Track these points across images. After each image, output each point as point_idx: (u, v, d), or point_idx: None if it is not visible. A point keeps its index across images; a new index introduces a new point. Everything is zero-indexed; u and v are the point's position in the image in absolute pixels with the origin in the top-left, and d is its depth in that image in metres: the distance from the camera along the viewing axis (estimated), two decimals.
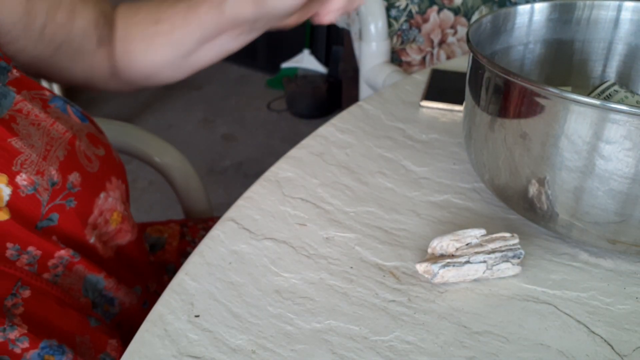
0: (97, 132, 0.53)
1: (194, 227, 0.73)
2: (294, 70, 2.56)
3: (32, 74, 0.53)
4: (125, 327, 0.54)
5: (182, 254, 0.69)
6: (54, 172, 0.45)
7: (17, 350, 0.42)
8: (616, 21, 0.54)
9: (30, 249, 0.45)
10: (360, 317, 0.38)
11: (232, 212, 0.49)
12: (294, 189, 0.52)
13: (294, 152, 0.57)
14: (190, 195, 0.78)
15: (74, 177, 0.47)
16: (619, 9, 0.53)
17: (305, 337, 0.37)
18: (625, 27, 0.54)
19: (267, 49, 2.77)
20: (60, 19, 0.53)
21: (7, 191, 0.43)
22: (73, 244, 0.48)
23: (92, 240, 0.49)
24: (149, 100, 2.50)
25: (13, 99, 0.46)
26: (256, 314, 0.39)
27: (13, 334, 0.42)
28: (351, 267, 0.43)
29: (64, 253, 0.46)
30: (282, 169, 0.55)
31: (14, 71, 0.48)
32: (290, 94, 2.38)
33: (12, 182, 0.43)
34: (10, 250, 0.44)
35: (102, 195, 0.50)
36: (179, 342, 0.37)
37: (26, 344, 0.42)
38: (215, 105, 2.48)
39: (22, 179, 0.43)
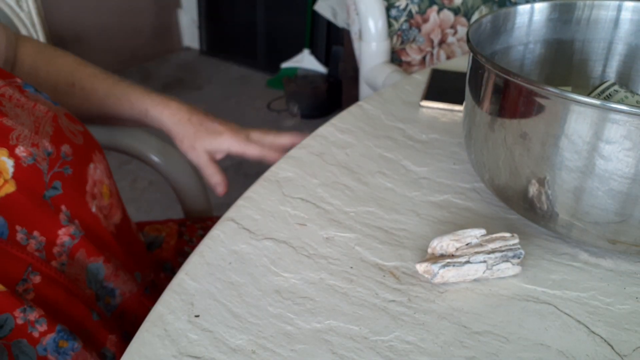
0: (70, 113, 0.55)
1: (192, 226, 0.74)
2: (294, 70, 2.56)
3: None
4: (128, 318, 0.54)
5: (180, 253, 0.70)
6: (47, 143, 0.47)
7: (36, 334, 0.43)
8: (616, 21, 0.54)
9: (35, 233, 0.46)
10: (360, 317, 0.38)
11: (232, 212, 0.49)
12: (294, 189, 0.52)
13: (294, 152, 0.57)
14: (190, 195, 0.78)
15: (66, 148, 0.49)
16: (619, 9, 0.53)
17: (305, 337, 0.37)
18: (625, 27, 0.54)
19: (267, 49, 2.77)
20: None
21: (10, 163, 0.44)
22: (78, 214, 0.49)
23: (93, 209, 0.51)
24: None
25: None
26: (256, 314, 0.39)
27: (33, 315, 0.43)
28: (351, 267, 0.43)
29: (64, 232, 0.47)
30: (282, 169, 0.55)
31: None
32: (290, 94, 2.38)
33: (12, 154, 0.44)
34: (20, 234, 0.45)
35: (91, 165, 0.52)
36: (179, 342, 0.37)
37: (44, 327, 0.43)
38: (215, 105, 2.48)
39: (20, 151, 0.45)
